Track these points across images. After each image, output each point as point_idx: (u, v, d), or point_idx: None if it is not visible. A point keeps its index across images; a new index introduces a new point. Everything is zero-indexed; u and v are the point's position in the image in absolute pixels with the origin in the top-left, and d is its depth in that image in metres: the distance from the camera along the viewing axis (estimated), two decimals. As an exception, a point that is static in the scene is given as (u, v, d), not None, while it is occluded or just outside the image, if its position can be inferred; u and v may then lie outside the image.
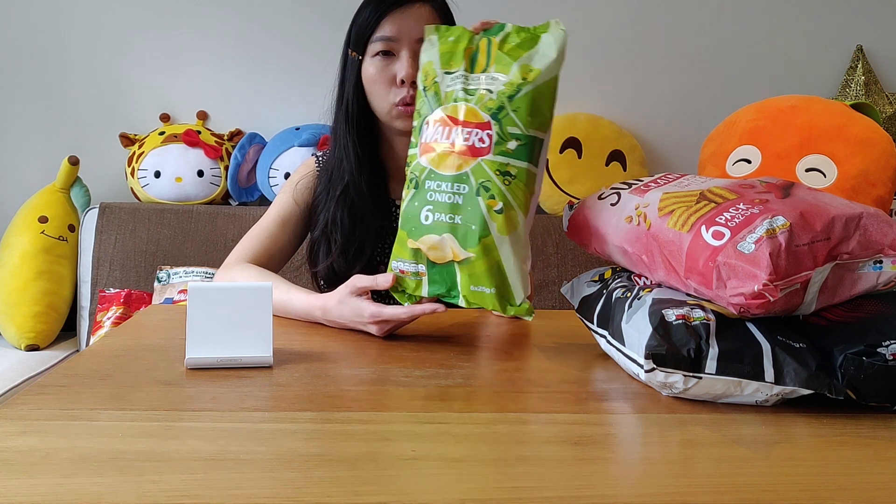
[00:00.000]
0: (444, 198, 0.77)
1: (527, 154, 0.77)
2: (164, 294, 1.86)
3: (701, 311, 0.64)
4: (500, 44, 0.81)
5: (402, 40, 1.03)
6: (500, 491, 0.45)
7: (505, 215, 0.76)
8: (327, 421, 0.57)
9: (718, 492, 0.46)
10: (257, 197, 2.10)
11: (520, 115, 0.77)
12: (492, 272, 0.76)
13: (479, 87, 0.79)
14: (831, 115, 1.37)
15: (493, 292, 0.77)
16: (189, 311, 0.70)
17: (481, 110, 0.78)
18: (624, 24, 2.23)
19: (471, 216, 0.76)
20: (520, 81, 0.78)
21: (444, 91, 0.82)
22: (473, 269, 0.77)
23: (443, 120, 0.80)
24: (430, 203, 0.78)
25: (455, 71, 0.82)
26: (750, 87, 2.24)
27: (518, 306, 0.78)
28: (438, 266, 0.79)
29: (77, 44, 2.13)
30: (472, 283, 0.77)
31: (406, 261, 0.81)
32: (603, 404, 0.64)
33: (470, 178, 0.76)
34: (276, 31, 2.15)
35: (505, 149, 0.76)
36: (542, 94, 0.78)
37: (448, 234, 0.77)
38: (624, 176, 2.09)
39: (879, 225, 0.64)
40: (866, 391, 0.59)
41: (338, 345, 0.82)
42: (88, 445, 0.50)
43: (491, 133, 0.77)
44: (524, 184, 0.78)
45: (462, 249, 0.76)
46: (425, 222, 0.78)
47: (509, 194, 0.76)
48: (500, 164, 0.76)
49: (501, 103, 0.77)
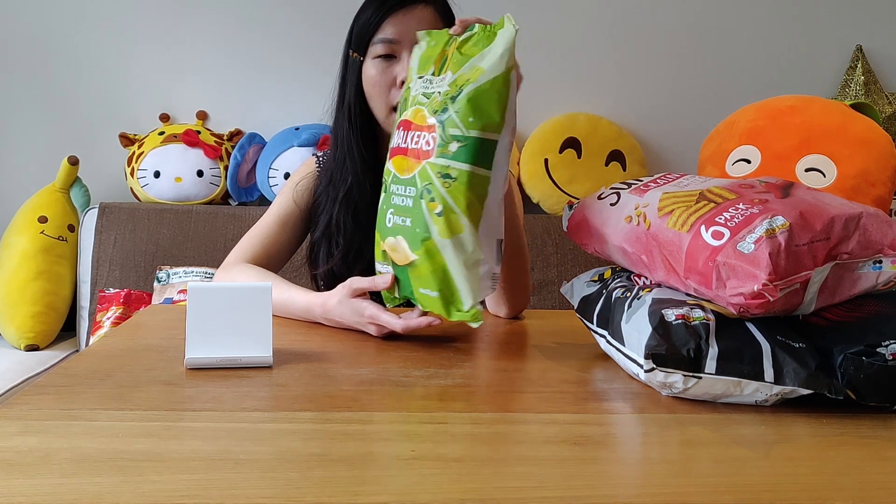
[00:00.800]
0: (400, 201, 0.79)
1: (469, 156, 0.75)
2: (164, 294, 1.86)
3: (701, 311, 0.64)
4: (460, 44, 0.80)
5: (403, 42, 1.02)
6: (500, 491, 0.45)
7: (445, 218, 0.75)
8: (327, 421, 0.57)
9: (718, 492, 0.46)
10: (257, 197, 2.10)
11: (461, 116, 0.75)
12: (436, 275, 0.76)
13: (433, 91, 0.79)
14: (831, 115, 1.37)
15: (437, 296, 0.77)
16: (189, 311, 0.70)
17: (428, 113, 0.78)
18: (624, 24, 2.23)
19: (416, 219, 0.77)
20: (464, 82, 0.76)
21: (411, 95, 0.82)
22: (419, 271, 0.77)
23: (403, 124, 0.81)
24: (392, 206, 0.80)
25: (424, 75, 0.82)
26: (750, 87, 2.24)
27: (464, 311, 0.77)
28: (399, 268, 0.81)
29: (77, 44, 2.12)
30: (420, 285, 0.78)
31: (380, 262, 0.85)
32: (603, 404, 0.64)
33: (416, 181, 0.77)
34: (275, 31, 2.15)
35: (445, 150, 0.76)
36: (485, 93, 0.75)
37: (401, 236, 0.79)
38: (624, 176, 2.09)
39: (879, 225, 0.64)
40: (866, 391, 0.59)
41: (338, 345, 0.82)
42: (88, 445, 0.50)
43: (435, 136, 0.76)
44: (466, 186, 0.75)
45: (409, 252, 0.78)
46: (388, 224, 0.81)
47: (449, 197, 0.75)
48: (441, 166, 0.76)
49: (445, 105, 0.76)
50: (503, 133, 0.77)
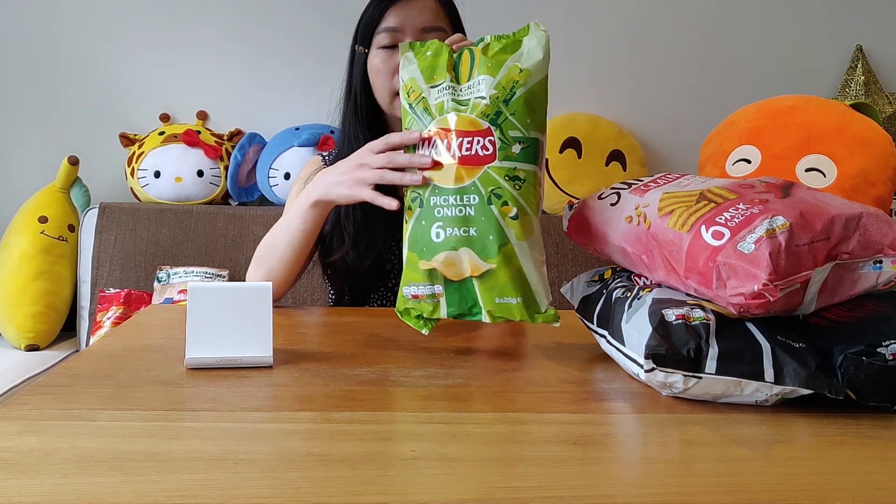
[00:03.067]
0: (454, 211, 0.75)
1: (531, 156, 0.77)
2: (164, 294, 1.86)
3: (701, 311, 0.64)
4: (482, 50, 0.80)
5: (405, 30, 1.04)
6: (500, 491, 0.45)
7: (521, 220, 0.75)
8: (327, 421, 0.57)
9: (718, 492, 0.46)
10: (257, 197, 2.10)
11: (519, 118, 0.76)
12: (515, 281, 0.74)
13: (469, 97, 0.78)
14: (831, 115, 1.37)
15: (519, 302, 0.74)
16: (189, 311, 0.70)
17: (478, 118, 0.76)
18: (624, 24, 2.23)
19: (486, 226, 0.74)
20: (512, 84, 0.76)
21: (433, 105, 0.79)
22: (496, 280, 0.74)
23: (438, 133, 0.78)
24: (440, 219, 0.75)
25: (440, 83, 0.80)
26: (750, 87, 2.24)
27: (545, 313, 0.75)
28: (456, 284, 0.75)
29: (77, 44, 2.13)
30: (497, 295, 0.74)
31: (420, 284, 0.77)
32: (603, 404, 0.64)
33: (479, 188, 0.74)
34: (276, 30, 2.15)
35: (510, 153, 0.75)
36: (536, 95, 0.78)
37: (464, 248, 0.74)
38: (624, 176, 2.09)
39: (879, 225, 0.64)
40: (866, 391, 0.59)
41: (338, 345, 0.82)
42: (88, 445, 0.50)
43: (493, 139, 0.75)
44: (533, 186, 0.77)
45: (482, 262, 0.74)
46: (437, 240, 0.75)
47: (522, 199, 0.75)
48: (507, 169, 0.75)
49: (498, 108, 0.76)
50: (545, 133, 0.80)
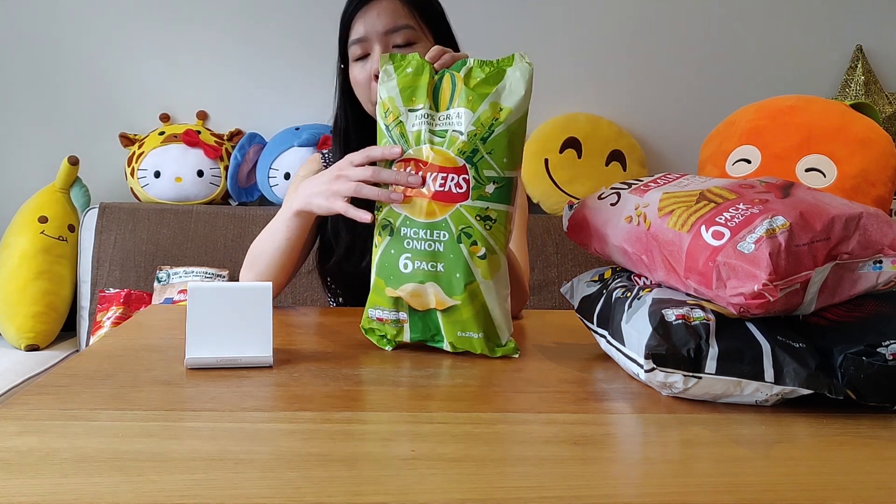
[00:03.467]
0: (423, 245, 0.76)
1: (504, 196, 0.77)
2: (164, 294, 1.86)
3: (701, 311, 0.64)
4: (464, 78, 0.77)
5: (370, 38, 1.04)
6: (500, 491, 0.45)
7: (488, 260, 0.76)
8: (327, 421, 0.57)
9: (718, 492, 0.46)
10: (257, 197, 2.10)
11: (495, 157, 0.75)
12: (478, 317, 0.76)
13: (447, 129, 0.76)
14: (831, 115, 1.37)
15: (480, 336, 0.76)
16: (189, 311, 0.70)
17: (454, 154, 0.75)
18: (624, 23, 2.23)
19: (454, 264, 0.75)
20: (491, 122, 0.75)
21: (409, 131, 0.78)
22: (460, 315, 0.76)
23: (414, 164, 0.77)
24: (409, 251, 0.76)
25: (419, 108, 0.78)
26: (750, 87, 2.24)
27: (504, 346, 0.78)
28: (420, 313, 0.78)
29: (77, 44, 2.13)
30: (459, 329, 0.76)
31: (385, 309, 0.79)
32: (603, 404, 0.64)
33: (449, 225, 0.75)
34: (276, 30, 2.15)
35: (483, 193, 0.75)
36: (514, 132, 0.76)
37: (431, 283, 0.76)
38: (624, 176, 2.09)
39: (879, 225, 0.64)
40: (866, 391, 0.59)
41: (338, 345, 0.82)
42: (88, 445, 0.50)
43: (467, 178, 0.75)
44: (503, 225, 0.77)
45: (447, 297, 0.76)
46: (405, 270, 0.76)
47: (491, 239, 0.76)
48: (479, 208, 0.75)
49: (475, 146, 0.75)
50: (520, 168, 0.80)
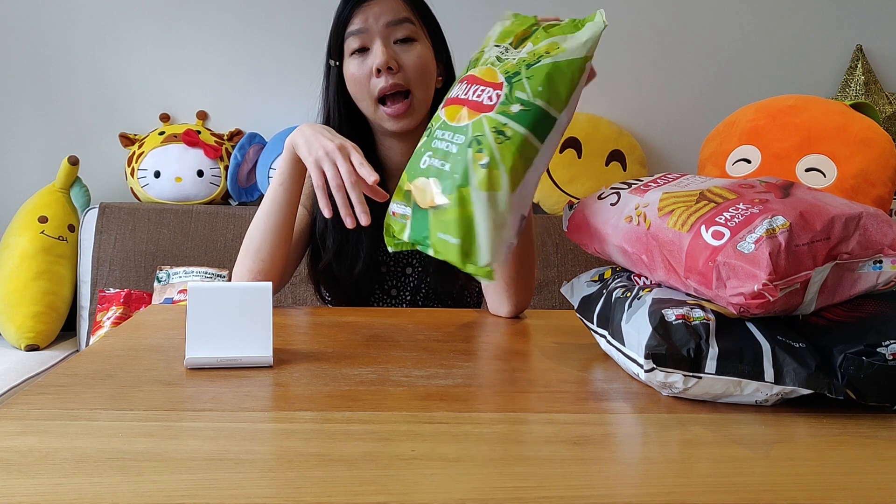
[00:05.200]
0: (443, 145, 0.79)
1: (528, 121, 0.77)
2: (164, 294, 1.86)
3: (701, 311, 0.64)
4: (547, 26, 0.84)
5: (371, 30, 1.04)
6: (500, 491, 0.45)
7: (488, 171, 0.76)
8: (327, 421, 0.57)
9: (718, 492, 0.46)
10: (257, 197, 2.10)
11: (531, 83, 0.78)
12: (460, 223, 0.76)
13: (510, 57, 0.82)
14: (831, 115, 1.37)
15: (457, 243, 0.76)
16: (189, 311, 0.70)
17: (500, 72, 0.80)
18: (624, 23, 2.23)
19: (457, 165, 0.77)
20: (542, 53, 0.79)
21: (483, 57, 0.85)
22: (445, 215, 0.77)
23: (469, 78, 0.83)
24: (432, 149, 0.81)
25: (502, 44, 0.85)
26: (750, 87, 2.24)
27: (478, 266, 0.77)
28: (422, 211, 0.80)
29: (77, 44, 2.13)
30: (440, 229, 0.78)
31: (400, 203, 0.84)
32: (603, 404, 0.64)
33: (468, 130, 0.78)
34: (276, 30, 2.15)
35: (507, 110, 0.77)
36: (560, 70, 0.79)
37: (433, 178, 0.79)
38: (624, 176, 2.09)
39: (879, 225, 0.64)
40: (866, 391, 0.59)
41: (338, 345, 0.82)
42: (88, 445, 0.50)
43: (500, 93, 0.78)
44: (517, 148, 0.77)
45: (440, 195, 0.77)
46: (422, 166, 0.81)
47: (497, 152, 0.76)
48: (497, 122, 0.77)
49: (518, 69, 0.79)
50: (563, 113, 0.80)
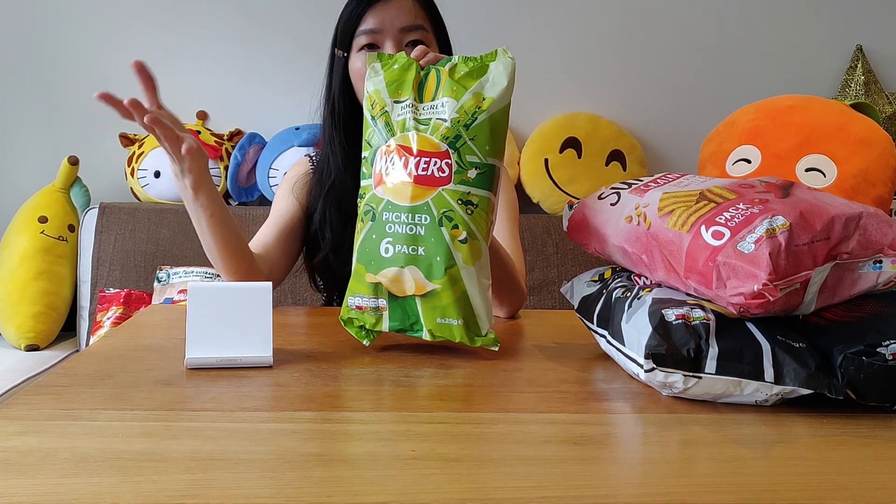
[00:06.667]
0: (404, 229, 0.76)
1: (487, 182, 0.77)
2: (164, 294, 1.86)
3: (701, 311, 0.64)
4: (448, 72, 0.80)
5: (385, 31, 1.04)
6: (500, 491, 0.45)
7: (469, 245, 0.76)
8: (327, 421, 0.57)
9: (718, 492, 0.46)
10: (257, 197, 2.10)
11: (478, 144, 0.77)
12: (458, 303, 0.76)
13: (431, 117, 0.78)
14: (831, 115, 1.37)
15: (460, 324, 0.76)
16: (189, 311, 0.70)
17: (438, 139, 0.77)
18: (624, 23, 2.23)
19: (435, 247, 0.75)
20: (474, 110, 0.77)
21: (394, 120, 0.80)
22: (439, 300, 0.76)
23: (397, 150, 0.78)
24: (390, 235, 0.77)
25: (404, 100, 0.80)
26: (750, 87, 2.24)
27: (484, 336, 0.77)
28: (400, 300, 0.77)
29: (77, 44, 2.13)
30: (439, 315, 0.76)
31: (365, 296, 0.79)
32: (603, 404, 0.64)
33: (431, 208, 0.75)
34: (275, 30, 2.15)
35: (465, 178, 0.76)
36: (497, 121, 0.78)
37: (411, 267, 0.76)
38: (624, 176, 2.09)
39: (879, 225, 0.64)
40: (866, 391, 0.59)
41: (338, 345, 0.82)
42: (88, 445, 0.50)
43: (450, 162, 0.76)
44: (486, 212, 0.77)
45: (427, 281, 0.75)
46: (385, 255, 0.76)
47: (473, 224, 0.76)
48: (461, 193, 0.76)
49: (458, 132, 0.77)
50: (503, 160, 0.81)
